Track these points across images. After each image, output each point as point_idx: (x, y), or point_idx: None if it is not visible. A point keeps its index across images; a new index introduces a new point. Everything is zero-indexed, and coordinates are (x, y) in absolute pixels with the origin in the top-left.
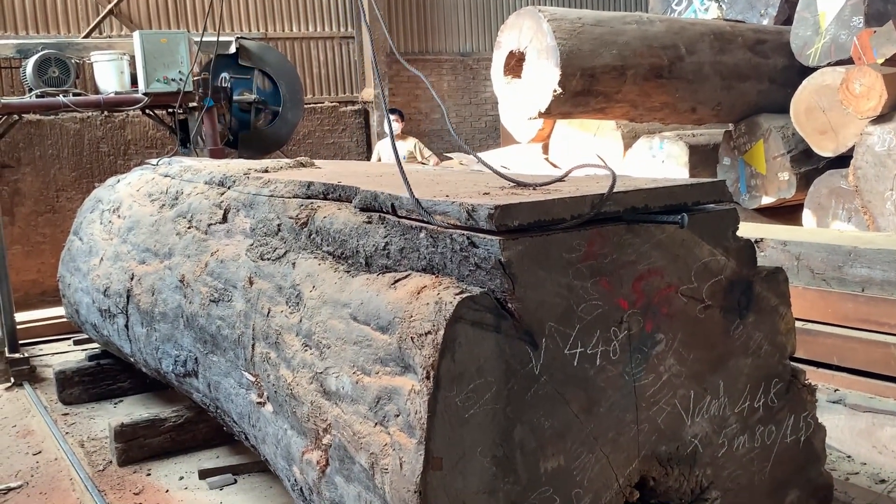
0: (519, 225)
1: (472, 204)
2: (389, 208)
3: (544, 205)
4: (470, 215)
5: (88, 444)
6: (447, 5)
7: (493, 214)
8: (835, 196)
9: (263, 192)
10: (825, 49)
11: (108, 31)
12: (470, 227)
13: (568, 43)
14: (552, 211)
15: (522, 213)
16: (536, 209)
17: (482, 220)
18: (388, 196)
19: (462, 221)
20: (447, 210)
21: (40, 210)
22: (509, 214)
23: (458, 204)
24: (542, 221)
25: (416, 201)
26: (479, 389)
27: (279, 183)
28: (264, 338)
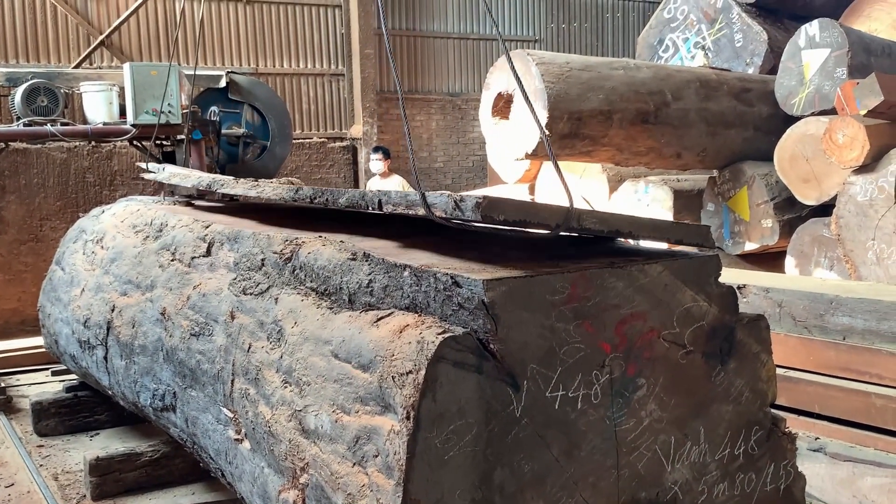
0: (504, 219)
1: (460, 195)
2: (376, 204)
3: (531, 206)
4: (457, 205)
5: (63, 477)
6: (437, 46)
7: (480, 204)
8: (817, 244)
9: (251, 193)
10: (809, 99)
11: (98, 62)
12: (458, 218)
13: (556, 86)
14: (537, 214)
15: (508, 209)
16: (522, 208)
17: (468, 210)
18: (377, 192)
19: (448, 212)
20: (435, 202)
21: (23, 238)
22: (496, 207)
23: (446, 196)
24: (526, 221)
25: (421, 194)
26: (459, 431)
27: (268, 186)
28: (244, 373)
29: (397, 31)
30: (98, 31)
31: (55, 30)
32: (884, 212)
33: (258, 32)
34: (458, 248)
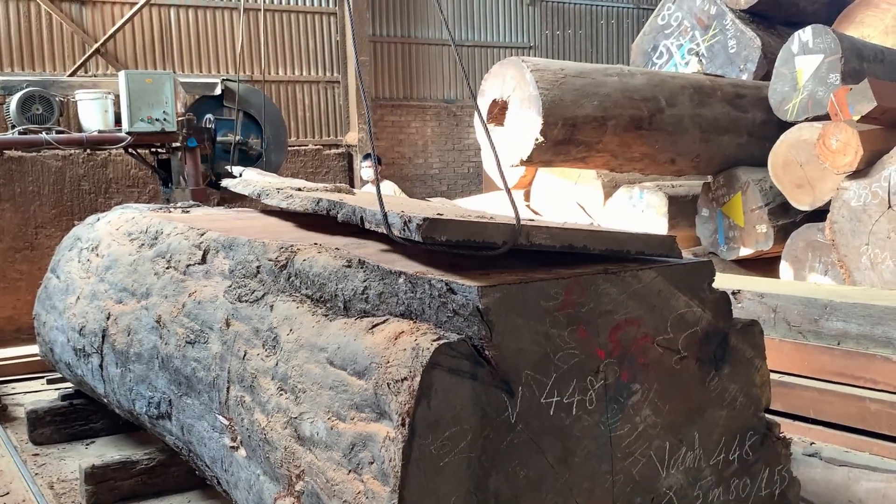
0: (446, 240)
1: (410, 216)
2: (359, 220)
3: (475, 225)
4: (405, 225)
5: (58, 485)
6: (432, 53)
7: (420, 225)
8: (812, 249)
9: (282, 205)
10: (803, 105)
11: (93, 70)
12: (405, 239)
13: (550, 93)
14: (482, 233)
15: (451, 230)
16: (467, 228)
17: (413, 230)
18: (359, 209)
19: (400, 231)
20: (393, 221)
21: (18, 246)
22: (437, 228)
23: (399, 215)
24: (471, 241)
25: (382, 209)
26: (454, 437)
27: (297, 198)
28: (240, 381)
29: (392, 38)
30: (93, 40)
31: (50, 38)
32: (878, 217)
33: (253, 40)
34: (453, 255)
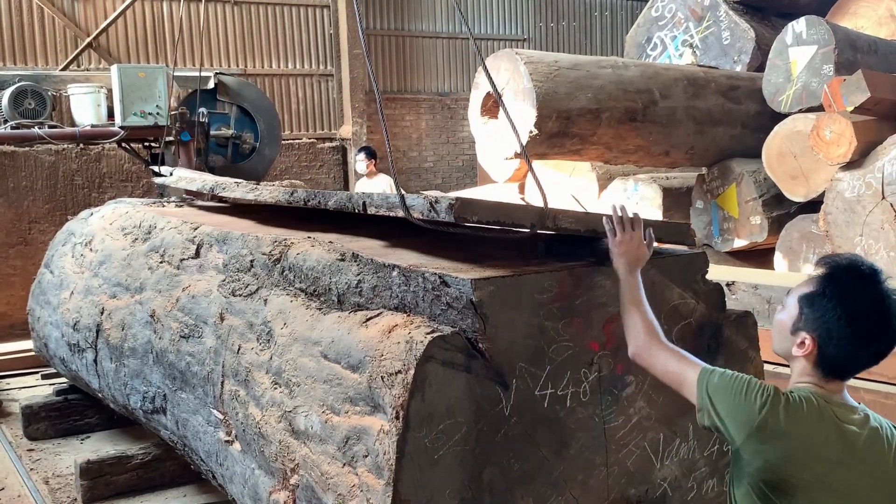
0: (477, 221)
1: (435, 196)
2: (360, 206)
3: (505, 207)
4: (432, 207)
5: (53, 480)
6: (426, 46)
7: (453, 205)
8: (806, 240)
9: (249, 196)
10: (796, 96)
11: (86, 64)
12: (433, 221)
13: (544, 85)
14: (512, 215)
15: (482, 211)
16: (496, 210)
17: (443, 210)
18: (360, 195)
19: (424, 213)
20: (413, 203)
21: (12, 242)
22: (469, 208)
23: (422, 197)
24: (501, 222)
25: (400, 196)
26: (448, 430)
27: (265, 190)
28: (234, 375)
29: (386, 31)
30: (85, 33)
31: (42, 32)
32: (871, 208)
33: (246, 33)
34: (446, 248)
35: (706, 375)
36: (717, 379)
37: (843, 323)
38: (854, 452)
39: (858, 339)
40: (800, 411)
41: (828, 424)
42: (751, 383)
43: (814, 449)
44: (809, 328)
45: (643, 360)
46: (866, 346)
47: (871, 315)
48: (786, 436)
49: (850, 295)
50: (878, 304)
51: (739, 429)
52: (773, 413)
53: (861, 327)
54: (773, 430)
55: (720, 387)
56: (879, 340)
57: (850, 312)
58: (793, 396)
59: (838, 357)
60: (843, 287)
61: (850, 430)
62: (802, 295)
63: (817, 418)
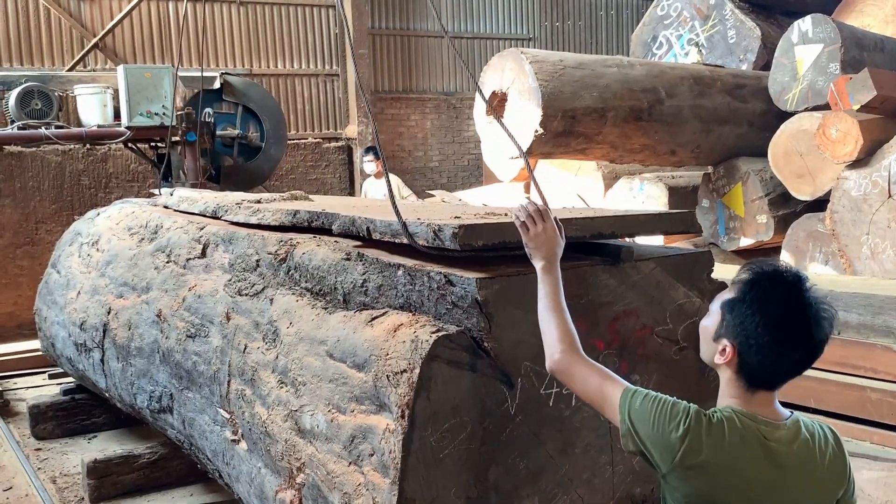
0: (482, 245)
1: (439, 224)
2: (364, 231)
3: (508, 227)
4: (436, 235)
5: (60, 480)
6: (431, 45)
7: (457, 234)
8: (812, 239)
9: (252, 220)
10: (803, 94)
11: (92, 65)
12: (437, 248)
13: (549, 85)
14: (516, 233)
15: (486, 234)
16: (500, 230)
17: (447, 239)
18: (364, 220)
19: (429, 241)
20: (416, 231)
21: (19, 242)
22: (473, 234)
23: (425, 225)
24: (506, 242)
25: (399, 217)
26: (454, 429)
27: (267, 211)
28: (240, 374)
29: (391, 30)
30: (91, 34)
31: (48, 33)
32: (878, 206)
33: (252, 33)
34: None
35: (627, 399)
36: (639, 404)
37: (762, 330)
38: (783, 471)
39: (779, 346)
40: (721, 436)
41: (752, 446)
42: (673, 409)
43: (740, 473)
44: (730, 335)
45: (560, 376)
46: (787, 354)
47: (791, 322)
48: (709, 464)
49: (771, 301)
50: (799, 312)
51: (663, 458)
52: (696, 440)
53: (781, 334)
54: (697, 459)
55: (642, 413)
56: (801, 348)
57: (769, 319)
58: (716, 418)
59: (759, 365)
60: (764, 293)
61: (776, 448)
62: (725, 301)
63: (740, 440)
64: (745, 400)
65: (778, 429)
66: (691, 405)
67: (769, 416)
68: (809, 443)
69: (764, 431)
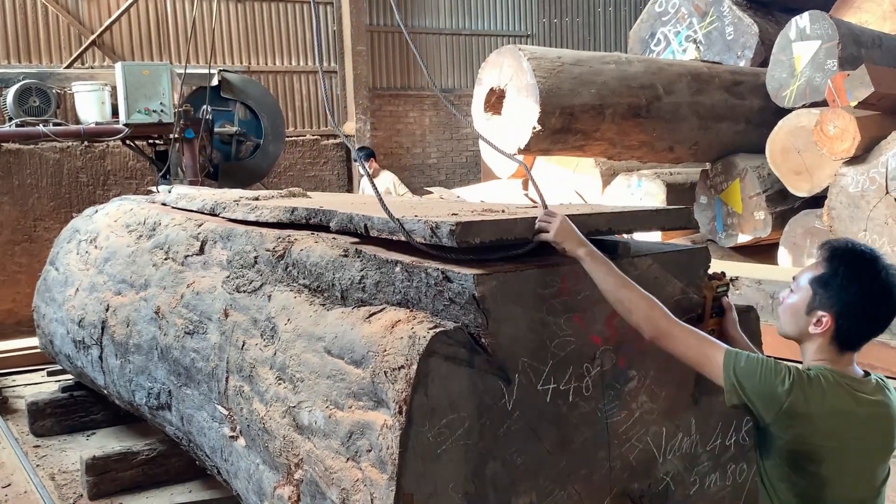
0: (480, 242)
1: (436, 221)
2: (362, 228)
3: (505, 223)
4: (433, 232)
5: (59, 476)
6: (430, 43)
7: (454, 230)
8: (810, 236)
9: (250, 217)
10: (800, 91)
11: (90, 62)
12: (434, 245)
13: (547, 81)
14: (514, 230)
15: (483, 231)
16: (498, 227)
17: (444, 236)
18: (362, 217)
19: (426, 238)
20: (413, 228)
21: (17, 239)
22: (470, 231)
23: (422, 222)
24: (504, 240)
25: (391, 216)
26: (451, 425)
27: (265, 209)
28: (238, 371)
29: (389, 27)
30: (89, 31)
31: (46, 30)
32: (875, 202)
33: (250, 30)
34: None
35: (732, 358)
36: (744, 362)
37: (857, 299)
38: (872, 417)
39: (871, 311)
40: (821, 388)
41: (845, 397)
42: (777, 367)
43: (837, 420)
44: (826, 307)
45: (662, 341)
46: (876, 318)
47: (880, 290)
48: (811, 413)
49: (862, 274)
50: (885, 281)
51: (769, 409)
52: (799, 394)
53: (872, 301)
54: (800, 410)
55: (748, 370)
56: (888, 311)
57: (863, 289)
58: (813, 375)
59: (853, 331)
60: (854, 268)
61: (864, 399)
62: (814, 277)
63: (836, 392)
64: (835, 361)
65: (863, 383)
66: (790, 365)
67: (854, 374)
68: (887, 393)
69: (854, 384)
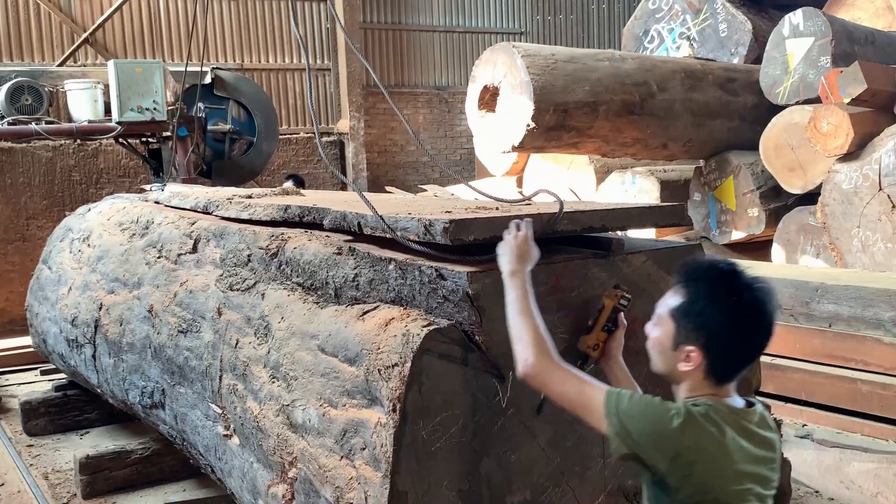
0: (474, 239)
1: (430, 219)
2: (356, 226)
3: (500, 221)
4: (427, 230)
5: (53, 476)
6: (423, 40)
7: (447, 228)
8: (803, 232)
9: (243, 215)
10: (794, 88)
11: (82, 60)
12: (427, 243)
13: (541, 79)
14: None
15: (477, 229)
16: (492, 225)
17: (438, 234)
18: (355, 215)
19: (420, 236)
20: (407, 226)
21: (10, 238)
22: (464, 229)
23: (416, 220)
24: (498, 237)
25: (378, 217)
26: (445, 422)
27: (258, 207)
28: (232, 369)
29: (382, 24)
30: (82, 29)
31: (38, 28)
32: (868, 199)
33: (243, 28)
34: None
35: (614, 399)
36: (627, 403)
37: (723, 327)
38: (761, 448)
39: (741, 337)
40: (715, 426)
41: (741, 432)
42: (663, 404)
43: (732, 456)
44: (692, 340)
45: (534, 381)
46: (749, 342)
47: (745, 311)
48: (708, 451)
49: (722, 296)
50: (748, 298)
51: (662, 455)
52: (692, 434)
53: (741, 325)
54: (698, 449)
55: (632, 411)
56: (761, 331)
57: (726, 314)
58: (703, 412)
59: (726, 361)
60: (713, 290)
61: (756, 434)
62: (673, 308)
63: (726, 427)
64: (715, 395)
65: (750, 414)
66: (678, 403)
67: (736, 404)
68: (770, 425)
69: (744, 417)
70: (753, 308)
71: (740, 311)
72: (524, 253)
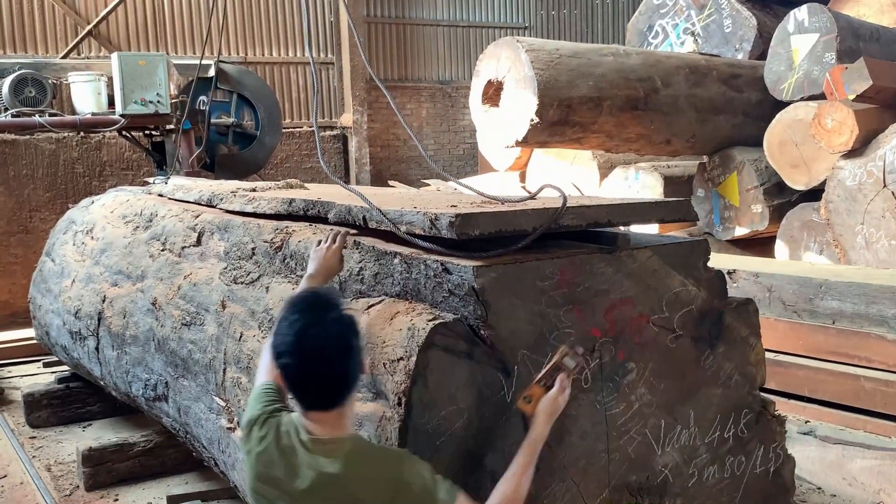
0: (479, 234)
1: (436, 213)
2: (361, 220)
3: (505, 216)
4: (433, 224)
5: (55, 468)
6: (427, 34)
7: (453, 223)
8: (807, 229)
9: (247, 208)
10: (798, 84)
11: (86, 52)
12: (433, 237)
13: (545, 73)
14: (513, 222)
15: (483, 223)
16: (497, 219)
17: (444, 228)
18: (360, 209)
19: (425, 230)
20: (413, 220)
21: (13, 230)
22: (470, 223)
23: (422, 214)
24: (503, 232)
25: (379, 211)
26: (450, 416)
27: (263, 200)
28: (236, 362)
29: (386, 18)
30: (86, 21)
31: (42, 20)
32: (872, 196)
33: (247, 21)
34: None
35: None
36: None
37: (279, 353)
38: (300, 481)
39: (282, 367)
40: (269, 432)
41: (283, 450)
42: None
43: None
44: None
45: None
46: (289, 376)
47: (285, 341)
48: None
49: (279, 329)
50: (290, 329)
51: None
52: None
53: (280, 355)
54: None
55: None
56: (296, 368)
57: (276, 344)
58: (272, 421)
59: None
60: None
61: (305, 461)
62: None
63: (276, 441)
64: (302, 416)
65: (320, 444)
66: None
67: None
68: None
69: (304, 442)
70: (290, 340)
71: (281, 342)
72: (330, 266)
